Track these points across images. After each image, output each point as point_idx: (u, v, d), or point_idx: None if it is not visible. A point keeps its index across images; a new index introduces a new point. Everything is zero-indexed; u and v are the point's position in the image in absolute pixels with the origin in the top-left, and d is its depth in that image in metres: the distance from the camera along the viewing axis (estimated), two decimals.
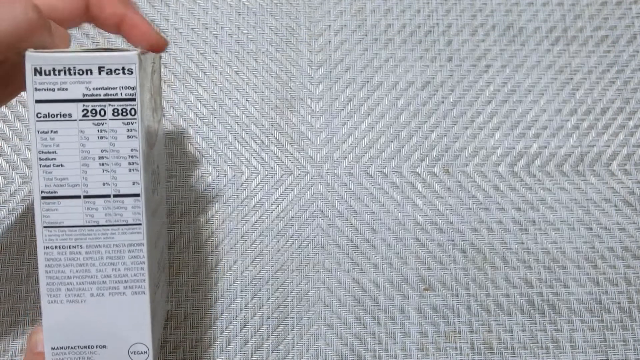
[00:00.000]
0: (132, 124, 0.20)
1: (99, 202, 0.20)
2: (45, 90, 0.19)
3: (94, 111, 0.19)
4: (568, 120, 0.33)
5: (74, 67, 0.19)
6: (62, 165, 0.20)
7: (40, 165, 0.19)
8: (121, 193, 0.20)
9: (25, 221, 0.31)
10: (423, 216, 0.32)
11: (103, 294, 0.20)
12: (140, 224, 0.20)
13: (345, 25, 0.35)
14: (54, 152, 0.19)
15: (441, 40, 0.35)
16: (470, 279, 0.31)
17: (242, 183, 0.32)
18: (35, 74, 0.19)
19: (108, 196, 0.20)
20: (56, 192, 0.20)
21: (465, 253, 0.31)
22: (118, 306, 0.20)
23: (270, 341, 0.30)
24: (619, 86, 0.34)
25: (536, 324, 0.30)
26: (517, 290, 0.31)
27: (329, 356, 0.29)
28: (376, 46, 0.34)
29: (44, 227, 0.20)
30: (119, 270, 0.20)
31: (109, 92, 0.19)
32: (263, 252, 0.31)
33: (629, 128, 0.33)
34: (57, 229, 0.20)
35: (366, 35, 0.35)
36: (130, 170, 0.20)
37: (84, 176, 0.20)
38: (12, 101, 0.32)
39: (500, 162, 0.33)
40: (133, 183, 0.20)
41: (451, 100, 0.33)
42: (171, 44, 0.34)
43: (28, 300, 0.30)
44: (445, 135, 0.33)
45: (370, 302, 0.30)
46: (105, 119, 0.19)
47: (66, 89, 0.19)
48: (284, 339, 0.30)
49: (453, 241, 0.31)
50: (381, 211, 0.32)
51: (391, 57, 0.34)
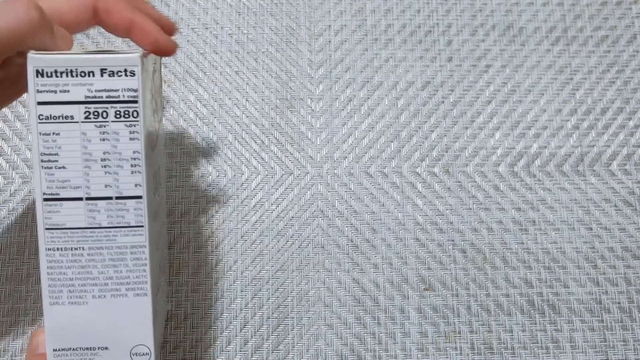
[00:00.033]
0: (135, 126, 0.20)
1: (101, 204, 0.20)
2: (47, 92, 0.19)
3: (96, 113, 0.19)
4: (568, 120, 0.33)
5: (76, 69, 0.19)
6: (64, 167, 0.19)
7: (42, 167, 0.19)
8: (123, 195, 0.20)
9: (25, 221, 0.31)
10: (423, 216, 0.32)
11: (105, 296, 0.20)
12: (142, 226, 0.20)
13: (345, 25, 0.35)
14: (56, 154, 0.19)
15: (441, 40, 0.35)
16: (470, 279, 0.31)
17: (242, 183, 0.32)
18: (37, 76, 0.19)
19: (110, 198, 0.20)
20: (58, 194, 0.20)
21: (465, 253, 0.31)
22: (120, 308, 0.20)
23: (270, 341, 0.30)
24: (619, 86, 0.34)
25: (536, 324, 0.30)
26: (517, 290, 0.31)
27: (329, 356, 0.30)
28: (376, 46, 0.34)
29: (46, 229, 0.20)
30: (121, 272, 0.20)
31: (111, 94, 0.19)
32: (263, 252, 0.31)
33: (629, 128, 0.33)
34: (59, 231, 0.20)
35: (366, 35, 0.34)
36: (132, 172, 0.20)
37: (86, 178, 0.20)
38: None
39: (500, 162, 0.33)
40: (135, 185, 0.20)
41: (451, 100, 0.33)
42: None
43: (28, 300, 0.30)
44: (445, 135, 0.33)
45: (370, 302, 0.30)
46: (107, 121, 0.19)
47: (68, 91, 0.19)
48: (284, 339, 0.30)
49: (453, 241, 0.31)
50: (381, 211, 0.32)
51: (391, 57, 0.34)
